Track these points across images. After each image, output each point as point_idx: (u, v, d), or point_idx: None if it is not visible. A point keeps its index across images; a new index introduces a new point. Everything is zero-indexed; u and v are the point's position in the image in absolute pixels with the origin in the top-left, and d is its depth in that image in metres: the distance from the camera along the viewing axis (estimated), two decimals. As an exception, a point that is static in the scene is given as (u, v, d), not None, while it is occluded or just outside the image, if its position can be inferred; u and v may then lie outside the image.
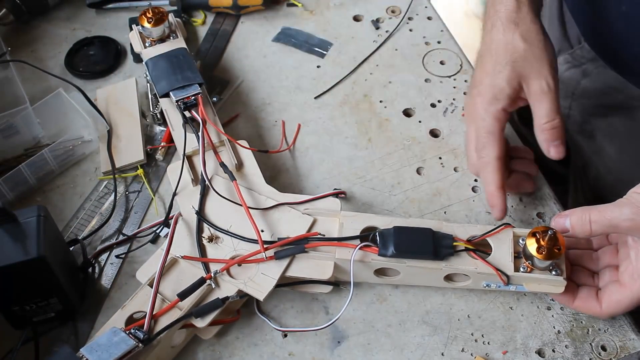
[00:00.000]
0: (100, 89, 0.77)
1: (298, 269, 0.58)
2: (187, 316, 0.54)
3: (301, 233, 0.59)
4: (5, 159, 0.70)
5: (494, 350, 0.58)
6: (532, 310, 0.60)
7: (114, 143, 0.71)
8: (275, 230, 0.60)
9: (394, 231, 0.57)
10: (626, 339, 0.58)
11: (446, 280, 0.59)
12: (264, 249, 0.57)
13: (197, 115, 0.65)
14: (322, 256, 0.58)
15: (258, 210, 0.60)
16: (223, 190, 0.62)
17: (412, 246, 0.57)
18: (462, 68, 0.80)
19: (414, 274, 0.59)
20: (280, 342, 0.59)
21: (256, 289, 0.56)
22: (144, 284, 0.56)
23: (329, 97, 0.78)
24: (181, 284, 0.56)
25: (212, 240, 0.59)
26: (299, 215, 0.61)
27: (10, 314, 0.56)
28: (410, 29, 0.85)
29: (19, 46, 0.83)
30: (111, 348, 0.49)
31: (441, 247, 0.57)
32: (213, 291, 0.56)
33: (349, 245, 0.57)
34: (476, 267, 0.57)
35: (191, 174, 0.64)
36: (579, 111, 0.77)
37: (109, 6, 0.87)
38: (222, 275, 0.57)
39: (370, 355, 0.58)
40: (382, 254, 0.57)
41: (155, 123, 0.74)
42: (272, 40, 0.84)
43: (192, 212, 0.61)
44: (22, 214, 0.54)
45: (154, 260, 0.59)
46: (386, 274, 0.60)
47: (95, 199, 0.68)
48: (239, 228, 0.59)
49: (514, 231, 0.58)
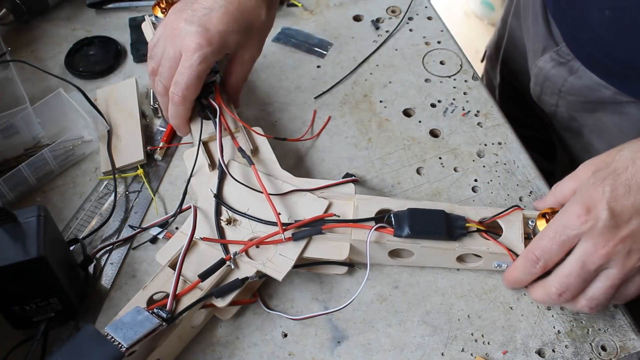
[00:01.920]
0: (100, 89, 0.77)
1: (315, 250, 0.59)
2: (207, 296, 0.55)
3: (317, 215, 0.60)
4: (5, 159, 0.70)
5: (494, 350, 0.58)
6: (532, 310, 0.60)
7: (114, 143, 0.71)
8: (291, 213, 0.61)
9: (408, 213, 0.59)
10: (626, 339, 0.58)
11: (458, 261, 0.61)
12: (283, 229, 0.58)
13: (214, 102, 0.67)
14: (339, 237, 0.59)
15: (275, 194, 0.62)
16: (239, 175, 0.63)
17: (427, 227, 0.58)
18: (462, 68, 0.80)
19: (428, 255, 0.60)
20: (280, 342, 0.59)
21: (274, 270, 0.57)
22: (164, 265, 0.57)
23: (329, 97, 0.78)
24: (200, 266, 0.57)
25: (231, 223, 0.60)
26: (315, 199, 0.62)
27: (10, 314, 0.56)
28: (410, 29, 0.85)
29: (19, 46, 0.83)
30: (136, 326, 0.50)
31: (454, 228, 0.58)
32: (232, 272, 0.58)
33: (364, 226, 0.59)
34: (488, 248, 0.58)
35: (207, 160, 0.65)
36: (565, 108, 0.77)
37: (109, 6, 0.87)
38: (241, 257, 0.58)
39: (370, 355, 0.58)
40: (397, 234, 0.58)
41: (155, 117, 0.75)
42: (272, 40, 0.84)
43: (208, 197, 0.62)
44: (22, 214, 0.54)
45: (172, 243, 0.59)
46: (400, 256, 0.61)
47: (95, 199, 0.68)
48: (256, 211, 0.61)
49: (523, 213, 0.60)
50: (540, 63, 0.77)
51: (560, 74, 0.74)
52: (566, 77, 0.74)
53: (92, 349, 0.49)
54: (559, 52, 0.74)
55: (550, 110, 0.80)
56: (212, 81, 0.67)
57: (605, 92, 0.70)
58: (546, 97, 0.79)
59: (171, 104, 0.64)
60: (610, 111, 0.73)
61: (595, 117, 0.75)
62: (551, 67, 0.75)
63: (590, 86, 0.71)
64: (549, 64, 0.75)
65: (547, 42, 0.76)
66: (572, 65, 0.73)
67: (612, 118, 0.73)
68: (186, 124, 0.67)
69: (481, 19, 2.25)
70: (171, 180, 0.70)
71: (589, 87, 0.72)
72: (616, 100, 0.70)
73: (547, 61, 0.76)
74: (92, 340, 0.50)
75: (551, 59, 0.75)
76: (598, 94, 0.71)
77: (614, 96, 0.70)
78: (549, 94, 0.78)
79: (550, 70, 0.76)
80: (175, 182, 0.70)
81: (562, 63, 0.74)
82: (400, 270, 0.63)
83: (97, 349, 0.49)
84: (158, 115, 0.75)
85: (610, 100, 0.71)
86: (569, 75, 0.73)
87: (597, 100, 0.72)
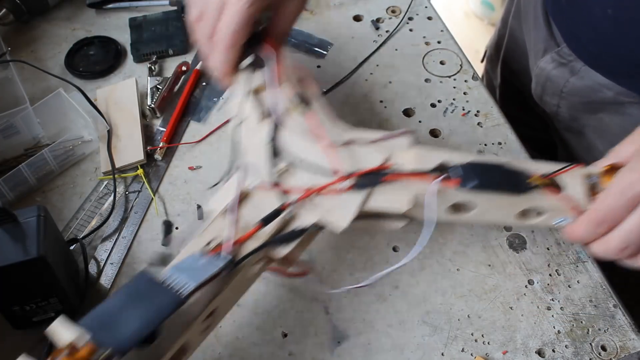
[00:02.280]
0: (100, 89, 0.77)
1: (375, 201, 0.56)
2: (268, 243, 0.53)
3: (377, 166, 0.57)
4: (5, 159, 0.70)
5: (494, 350, 0.58)
6: (532, 310, 0.60)
7: (114, 143, 0.71)
8: (350, 163, 0.58)
9: (472, 165, 0.57)
10: (626, 339, 0.58)
11: (519, 217, 0.58)
12: (343, 178, 0.55)
13: (265, 51, 0.63)
14: (400, 189, 0.56)
15: (333, 144, 0.58)
16: (294, 124, 0.60)
17: (491, 179, 0.56)
18: (462, 68, 0.80)
19: (489, 209, 0.58)
20: (280, 342, 0.59)
21: (335, 220, 0.55)
22: (219, 212, 0.55)
23: (329, 97, 0.78)
24: (256, 215, 0.54)
25: (287, 172, 0.57)
26: (374, 149, 0.58)
27: (10, 314, 0.56)
28: (410, 29, 0.85)
29: (19, 46, 0.83)
30: (195, 272, 0.47)
31: (518, 182, 0.57)
32: (291, 222, 0.55)
33: (426, 177, 0.56)
34: (552, 203, 0.56)
35: (257, 110, 0.61)
36: (567, 109, 0.77)
37: (109, 6, 0.87)
38: (300, 207, 0.55)
39: (370, 355, 0.58)
40: (462, 186, 0.56)
41: (155, 117, 0.75)
42: (272, 40, 0.84)
43: (260, 147, 0.59)
44: (22, 214, 0.54)
45: (224, 192, 0.57)
46: (460, 210, 0.59)
47: (95, 199, 0.68)
48: (312, 160, 0.57)
49: (586, 169, 0.58)
50: (542, 64, 0.77)
51: (561, 75, 0.75)
52: (568, 78, 0.74)
53: (149, 295, 0.45)
54: (560, 53, 0.74)
55: (552, 111, 0.80)
56: (260, 30, 0.65)
57: (607, 92, 0.70)
58: (548, 98, 0.79)
59: (217, 52, 0.60)
60: (612, 112, 0.73)
61: (597, 118, 0.75)
62: (552, 68, 0.75)
63: (592, 87, 0.71)
64: (550, 65, 0.76)
65: (548, 43, 0.76)
66: (573, 66, 0.73)
67: (614, 118, 0.73)
68: (231, 72, 0.63)
69: (481, 19, 2.25)
70: (171, 180, 0.70)
71: (590, 88, 0.72)
72: (618, 101, 0.70)
73: (549, 62, 0.76)
74: (148, 287, 0.46)
75: (552, 60, 0.75)
76: (600, 94, 0.71)
77: (616, 97, 0.70)
78: (551, 94, 0.78)
79: (552, 71, 0.76)
80: (175, 182, 0.70)
81: (563, 64, 0.74)
82: (400, 270, 0.63)
83: (154, 295, 0.45)
84: (158, 115, 0.75)
85: (612, 100, 0.71)
86: (571, 76, 0.73)
87: (599, 101, 0.72)
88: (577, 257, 0.64)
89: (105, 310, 0.44)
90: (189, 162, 0.72)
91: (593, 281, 0.62)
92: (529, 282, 0.62)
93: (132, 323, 0.43)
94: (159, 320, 0.43)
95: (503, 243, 0.65)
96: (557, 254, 0.64)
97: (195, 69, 0.79)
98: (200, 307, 0.48)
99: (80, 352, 0.40)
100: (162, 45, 0.82)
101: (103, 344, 0.41)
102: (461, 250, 0.64)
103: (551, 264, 0.63)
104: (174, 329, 0.47)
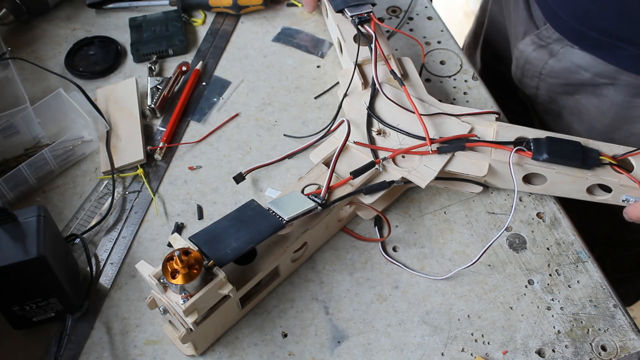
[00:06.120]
0: (100, 89, 0.77)
1: (456, 165, 0.64)
2: (357, 192, 0.62)
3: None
4: (5, 159, 0.70)
5: (494, 350, 0.58)
6: (532, 310, 0.60)
7: (114, 143, 0.71)
8: (436, 131, 0.67)
9: (547, 140, 0.63)
10: (626, 339, 0.58)
11: (587, 192, 0.64)
12: (430, 142, 0.63)
13: (370, 30, 0.73)
14: (479, 156, 0.64)
15: (423, 114, 0.67)
16: (390, 94, 0.69)
17: (564, 153, 0.62)
18: (462, 68, 0.80)
19: (559, 183, 0.64)
20: (280, 342, 0.59)
21: (419, 177, 0.63)
22: (319, 161, 0.64)
23: (329, 97, 0.78)
24: (350, 167, 0.63)
25: (380, 134, 0.67)
26: (459, 122, 0.68)
27: (11, 314, 0.56)
28: (410, 29, 0.85)
29: (19, 46, 0.83)
30: (294, 205, 0.57)
31: (589, 159, 0.62)
32: (380, 175, 0.64)
33: (504, 147, 0.63)
34: (620, 180, 0.61)
35: (361, 79, 0.71)
36: (546, 91, 0.79)
37: (109, 6, 0.87)
38: (389, 163, 0.64)
39: (370, 355, 0.58)
40: (535, 157, 0.62)
41: (155, 117, 0.75)
42: (272, 40, 0.84)
43: (361, 110, 0.68)
44: (22, 214, 0.54)
45: (326, 145, 0.66)
46: (531, 182, 0.66)
47: (95, 199, 0.68)
48: (404, 126, 0.67)
49: None
50: (521, 46, 0.78)
51: (540, 57, 0.76)
52: (546, 59, 0.75)
53: (256, 219, 0.55)
54: (540, 36, 0.75)
55: (531, 93, 0.81)
56: (369, 10, 0.74)
57: (585, 74, 0.72)
58: (527, 80, 0.80)
59: None
60: (589, 93, 0.74)
61: (575, 100, 0.77)
62: (532, 50, 0.77)
63: (570, 68, 0.73)
64: (530, 47, 0.77)
65: (527, 25, 0.78)
66: (552, 48, 0.74)
67: (590, 100, 0.75)
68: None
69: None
70: (171, 180, 0.70)
71: (568, 70, 0.73)
72: (595, 83, 0.72)
73: (528, 44, 0.77)
74: (255, 213, 0.56)
75: (532, 42, 0.76)
76: (577, 76, 0.73)
77: (593, 78, 0.72)
78: (530, 76, 0.79)
79: (531, 54, 0.77)
80: (175, 182, 0.70)
81: (542, 46, 0.75)
82: (401, 270, 0.63)
83: (260, 219, 0.55)
84: (158, 115, 0.75)
85: (589, 82, 0.73)
86: (549, 58, 0.75)
87: (577, 83, 0.74)
88: (577, 257, 0.64)
89: (212, 231, 0.54)
90: (189, 162, 0.72)
91: (593, 281, 0.62)
92: (529, 282, 0.62)
93: (234, 241, 0.53)
94: (260, 239, 0.54)
95: (503, 243, 0.65)
96: (557, 254, 0.64)
97: (196, 69, 0.79)
98: (293, 237, 0.58)
99: (192, 254, 0.51)
100: (162, 45, 0.82)
101: (208, 254, 0.51)
102: (461, 250, 0.64)
103: (551, 264, 0.63)
104: (270, 252, 0.57)
